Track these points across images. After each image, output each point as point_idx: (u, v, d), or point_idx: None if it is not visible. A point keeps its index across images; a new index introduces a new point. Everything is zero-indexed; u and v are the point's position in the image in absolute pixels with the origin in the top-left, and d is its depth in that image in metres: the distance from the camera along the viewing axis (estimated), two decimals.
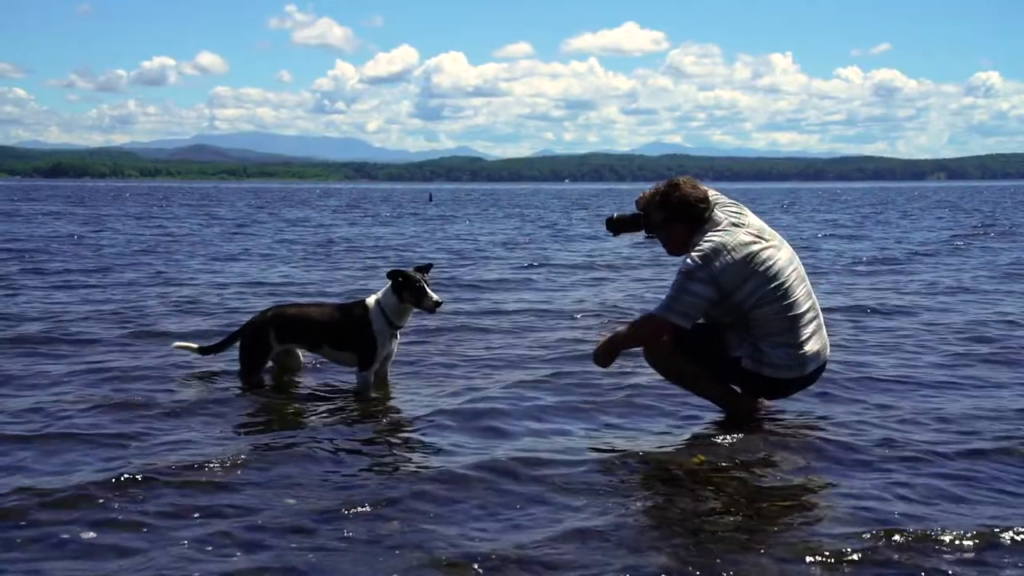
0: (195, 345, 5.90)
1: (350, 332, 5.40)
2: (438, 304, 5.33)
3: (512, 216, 34.20)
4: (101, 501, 3.50)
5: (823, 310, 4.80)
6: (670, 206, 4.71)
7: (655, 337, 4.77)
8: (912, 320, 8.22)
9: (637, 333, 4.75)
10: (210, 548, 3.11)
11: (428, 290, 5.33)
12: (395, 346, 5.57)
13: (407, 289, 5.33)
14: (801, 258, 4.81)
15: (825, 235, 21.42)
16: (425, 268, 5.50)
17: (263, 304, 7.56)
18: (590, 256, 15.58)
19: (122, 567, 3.02)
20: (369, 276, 11.78)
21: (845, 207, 43.76)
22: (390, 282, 5.39)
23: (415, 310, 5.43)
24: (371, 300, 5.44)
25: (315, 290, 10.06)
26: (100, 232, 21.31)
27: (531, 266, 13.61)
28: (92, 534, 3.24)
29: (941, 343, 7.07)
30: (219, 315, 8.11)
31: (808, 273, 4.79)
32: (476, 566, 3.04)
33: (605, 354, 4.84)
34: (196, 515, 3.40)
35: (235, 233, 21.53)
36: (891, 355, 6.65)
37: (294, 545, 3.16)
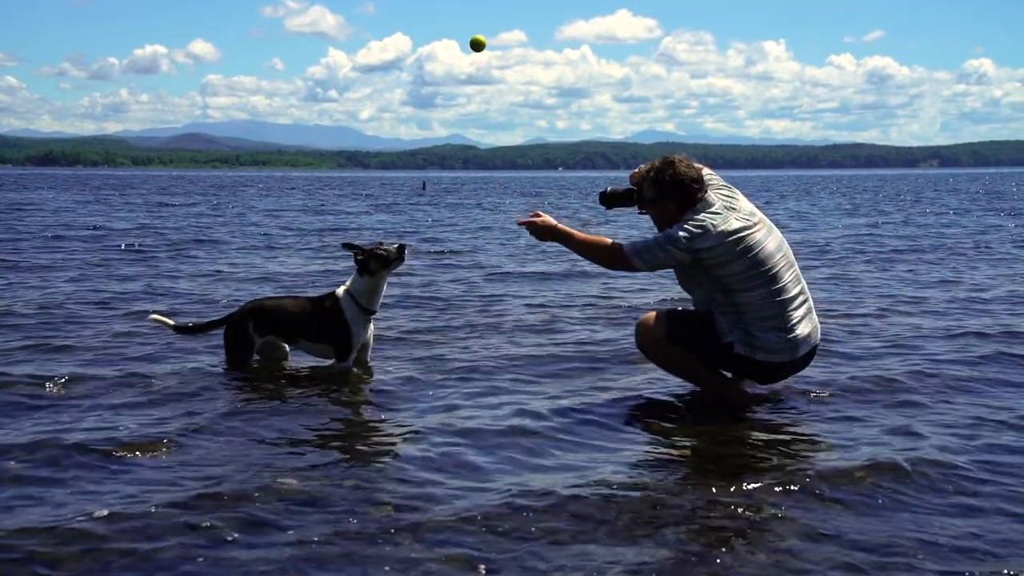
0: (172, 322, 5.85)
1: (324, 324, 5.44)
2: (402, 249, 5.38)
3: (525, 204, 33.50)
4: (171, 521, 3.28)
5: (955, 300, 4.70)
6: (663, 184, 4.71)
7: (610, 264, 4.88)
8: None
9: (596, 250, 4.85)
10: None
11: (387, 246, 5.41)
12: (370, 333, 5.58)
13: (371, 259, 5.37)
14: (881, 252, 4.75)
15: (879, 223, 20.98)
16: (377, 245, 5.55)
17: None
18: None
19: None
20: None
21: (862, 195, 42.64)
22: (356, 268, 5.42)
23: (387, 283, 5.48)
24: (340, 290, 5.47)
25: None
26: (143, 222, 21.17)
27: (562, 256, 13.29)
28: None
29: None
30: None
31: (886, 259, 4.75)
32: None
33: (546, 233, 4.91)
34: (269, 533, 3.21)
35: (273, 222, 21.33)
36: None
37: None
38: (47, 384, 5.13)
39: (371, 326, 5.56)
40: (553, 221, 4.93)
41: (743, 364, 4.76)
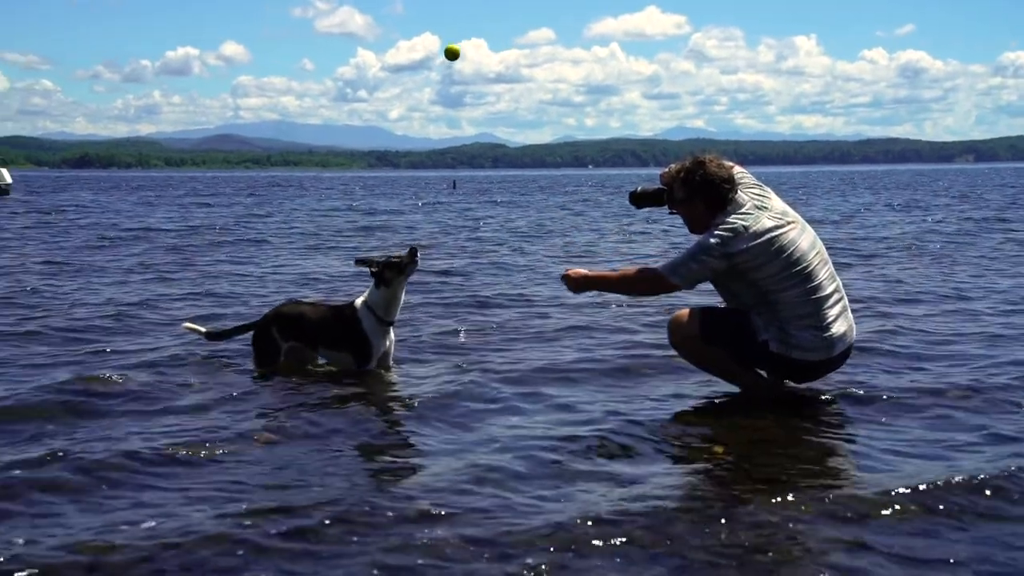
0: (203, 329, 6.01)
1: (342, 333, 5.50)
2: (414, 252, 5.41)
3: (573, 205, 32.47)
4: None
5: None
6: (693, 184, 4.69)
7: (650, 290, 4.97)
8: None
9: (632, 282, 4.90)
10: None
11: (398, 253, 5.46)
12: (390, 342, 5.61)
13: (386, 268, 5.42)
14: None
15: (935, 219, 20.61)
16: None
17: None
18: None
19: None
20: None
21: (906, 191, 41.25)
22: (372, 281, 5.47)
23: (404, 294, 5.51)
24: (359, 301, 5.53)
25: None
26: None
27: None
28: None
29: None
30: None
31: None
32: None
33: (581, 285, 4.96)
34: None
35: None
36: None
37: None
38: (92, 389, 5.16)
39: (391, 335, 5.60)
40: (584, 271, 4.99)
41: (778, 363, 4.72)
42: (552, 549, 3.12)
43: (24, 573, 2.92)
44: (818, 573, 2.96)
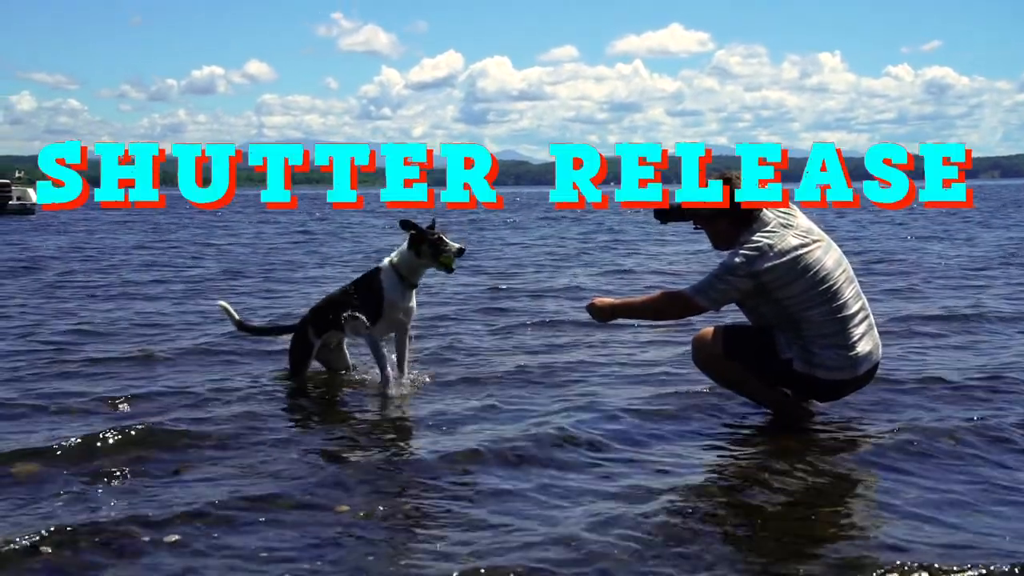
0: (236, 316, 5.86)
1: (366, 287, 5.48)
2: (460, 252, 5.33)
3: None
4: None
5: None
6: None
7: (677, 313, 4.90)
8: None
9: (659, 306, 4.87)
10: None
11: (450, 242, 5.37)
12: (412, 304, 5.51)
13: (427, 243, 5.35)
14: None
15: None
16: (432, 226, 5.49)
17: None
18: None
19: None
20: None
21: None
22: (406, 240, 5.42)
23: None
24: (384, 262, 5.52)
25: None
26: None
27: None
28: None
29: None
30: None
31: None
32: None
33: (607, 314, 4.94)
34: None
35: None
36: None
37: None
38: (157, 429, 4.67)
39: (413, 299, 5.53)
40: (610, 300, 5.00)
41: (802, 382, 4.70)
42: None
43: None
44: None
